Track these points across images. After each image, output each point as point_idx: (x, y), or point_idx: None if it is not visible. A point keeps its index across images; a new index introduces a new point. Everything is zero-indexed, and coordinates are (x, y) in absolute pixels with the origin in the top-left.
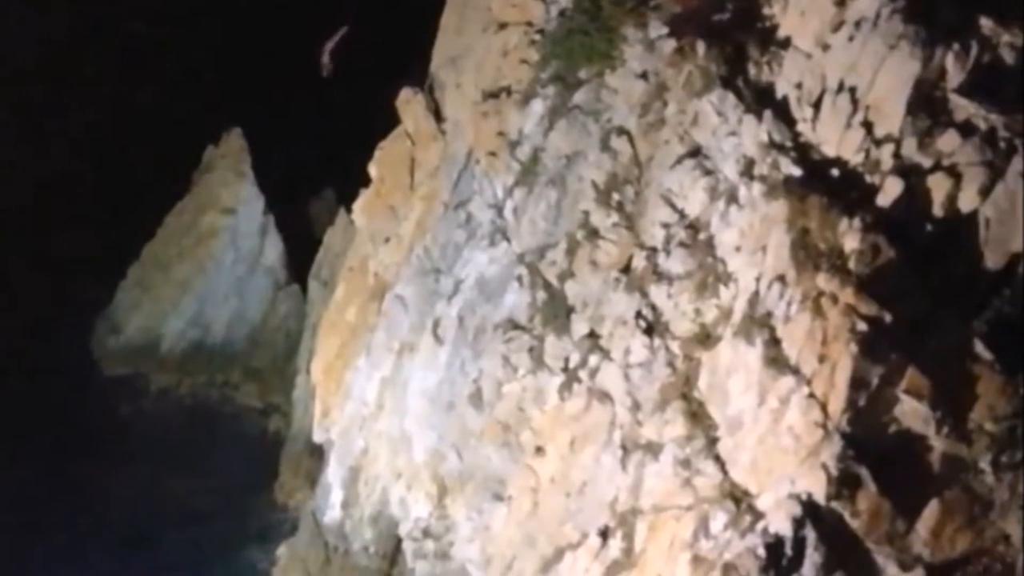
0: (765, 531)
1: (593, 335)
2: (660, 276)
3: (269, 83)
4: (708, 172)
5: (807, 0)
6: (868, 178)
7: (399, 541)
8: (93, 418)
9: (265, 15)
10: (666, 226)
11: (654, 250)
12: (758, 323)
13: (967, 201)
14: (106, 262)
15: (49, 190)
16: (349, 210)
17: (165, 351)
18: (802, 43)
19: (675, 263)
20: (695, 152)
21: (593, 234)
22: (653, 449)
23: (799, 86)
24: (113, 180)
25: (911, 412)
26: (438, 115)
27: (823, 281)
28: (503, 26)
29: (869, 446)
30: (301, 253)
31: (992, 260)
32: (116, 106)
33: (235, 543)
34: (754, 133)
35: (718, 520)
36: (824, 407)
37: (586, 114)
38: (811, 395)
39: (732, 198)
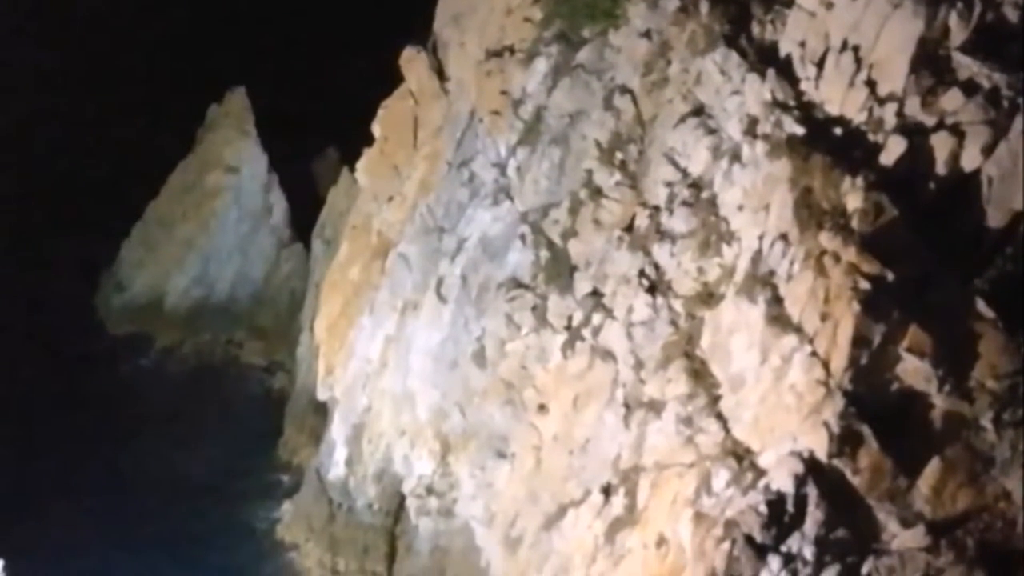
0: (767, 488)
1: (596, 294)
2: (663, 235)
3: (273, 41)
4: (711, 131)
5: None
6: (871, 137)
7: (403, 498)
8: (97, 376)
9: None
10: (669, 185)
11: (657, 209)
12: (761, 282)
13: (970, 160)
14: (110, 221)
15: (53, 149)
16: (352, 169)
17: (169, 309)
18: (805, 1)
19: (678, 222)
20: (698, 111)
21: (596, 193)
22: (656, 407)
23: (802, 45)
24: (117, 138)
25: (913, 370)
26: (441, 74)
27: (826, 240)
28: None
29: (871, 404)
30: (305, 211)
31: (994, 219)
32: (120, 65)
33: (240, 500)
34: (757, 92)
35: (720, 477)
36: (826, 365)
37: (589, 73)
38: (813, 353)
39: (735, 157)
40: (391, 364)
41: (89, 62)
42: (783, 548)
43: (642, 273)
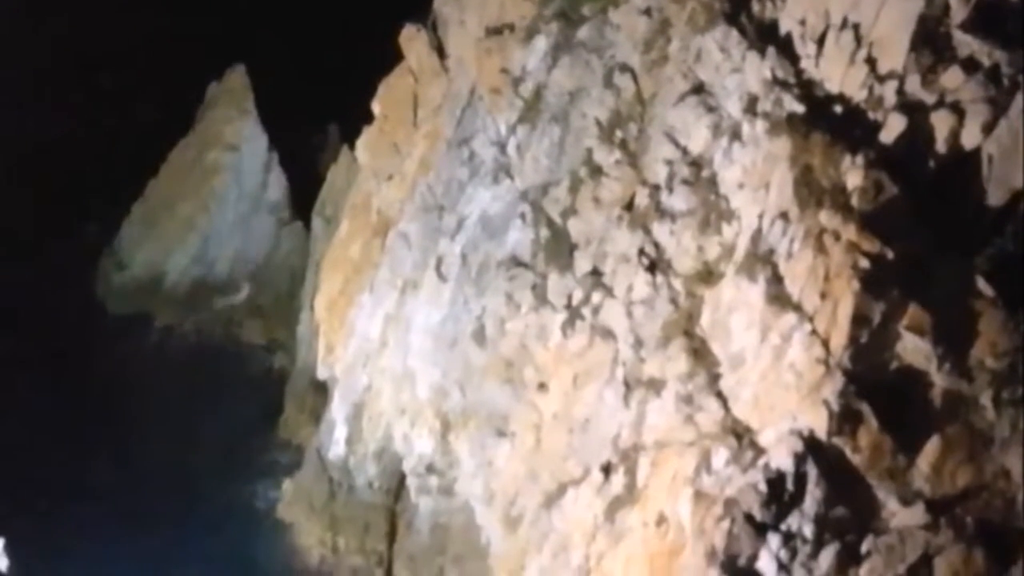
0: (767, 467)
1: (596, 272)
2: (663, 213)
3: (273, 19)
4: (711, 109)
5: None
6: (871, 115)
7: (403, 477)
8: (97, 356)
9: None
10: (669, 163)
11: (657, 187)
12: (760, 260)
13: (970, 138)
14: (110, 200)
15: (53, 128)
16: (352, 147)
17: (169, 288)
18: None
19: (678, 200)
20: (698, 89)
21: (596, 171)
22: (655, 386)
23: (803, 22)
24: (117, 117)
25: (912, 348)
26: (441, 52)
27: (826, 218)
28: None
29: (870, 382)
30: (305, 190)
31: (995, 197)
32: (119, 43)
33: (240, 479)
34: (757, 70)
35: (720, 456)
36: (826, 343)
37: (589, 51)
38: (813, 332)
39: (735, 135)
40: (391, 343)
41: (89, 39)
42: (783, 526)
43: (642, 251)
